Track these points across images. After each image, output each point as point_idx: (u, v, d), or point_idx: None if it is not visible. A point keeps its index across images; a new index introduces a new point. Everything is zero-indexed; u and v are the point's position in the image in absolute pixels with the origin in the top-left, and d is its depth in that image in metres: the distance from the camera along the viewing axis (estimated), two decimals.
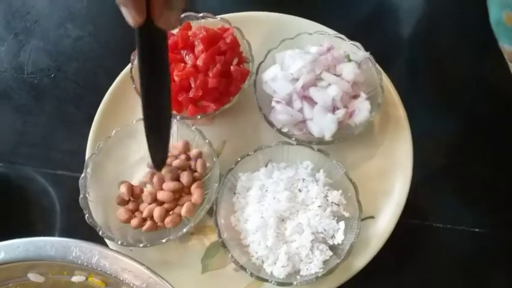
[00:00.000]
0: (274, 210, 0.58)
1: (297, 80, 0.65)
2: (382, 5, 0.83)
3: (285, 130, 0.64)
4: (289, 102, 0.65)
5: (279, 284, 0.55)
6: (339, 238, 0.57)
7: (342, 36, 0.69)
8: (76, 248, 0.46)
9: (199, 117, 0.65)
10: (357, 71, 0.65)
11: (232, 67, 0.66)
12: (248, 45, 0.68)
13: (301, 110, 0.65)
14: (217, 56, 0.65)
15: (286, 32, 0.70)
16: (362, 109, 0.64)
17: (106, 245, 0.60)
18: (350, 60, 0.67)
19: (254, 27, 0.71)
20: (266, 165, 0.63)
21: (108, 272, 0.45)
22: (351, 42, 0.68)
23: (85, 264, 0.45)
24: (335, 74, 0.66)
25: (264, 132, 0.67)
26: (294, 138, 0.64)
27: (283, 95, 0.65)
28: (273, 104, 0.65)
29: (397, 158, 0.64)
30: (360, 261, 0.59)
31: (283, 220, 0.58)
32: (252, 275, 0.55)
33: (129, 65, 0.69)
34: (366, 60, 0.67)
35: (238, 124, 0.69)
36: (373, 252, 0.59)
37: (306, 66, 0.65)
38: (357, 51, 0.67)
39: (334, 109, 0.64)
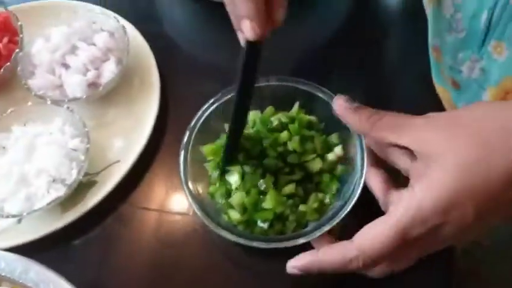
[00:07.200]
0: (18, 159, 0.67)
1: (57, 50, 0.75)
2: None
3: (41, 93, 0.73)
4: (49, 70, 0.75)
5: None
6: (73, 177, 0.65)
7: (109, 12, 0.80)
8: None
9: None
10: (108, 39, 0.75)
11: (1, 44, 0.76)
12: (20, 27, 0.78)
13: (60, 76, 0.74)
14: None
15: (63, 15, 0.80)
16: (108, 71, 0.74)
17: None
18: (103, 31, 0.77)
19: (35, 14, 0.83)
20: (25, 125, 0.72)
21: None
22: (114, 15, 0.78)
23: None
24: (92, 44, 0.76)
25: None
26: (49, 100, 0.72)
27: (45, 63, 0.74)
28: (33, 70, 0.75)
29: (143, 118, 0.73)
30: (95, 199, 0.67)
31: (25, 166, 0.67)
32: None
33: None
34: (120, 30, 0.77)
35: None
36: (105, 193, 0.67)
37: (65, 38, 0.75)
38: (114, 23, 0.77)
39: (86, 72, 0.74)
